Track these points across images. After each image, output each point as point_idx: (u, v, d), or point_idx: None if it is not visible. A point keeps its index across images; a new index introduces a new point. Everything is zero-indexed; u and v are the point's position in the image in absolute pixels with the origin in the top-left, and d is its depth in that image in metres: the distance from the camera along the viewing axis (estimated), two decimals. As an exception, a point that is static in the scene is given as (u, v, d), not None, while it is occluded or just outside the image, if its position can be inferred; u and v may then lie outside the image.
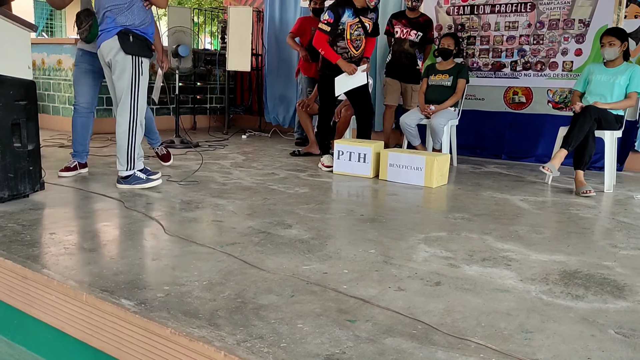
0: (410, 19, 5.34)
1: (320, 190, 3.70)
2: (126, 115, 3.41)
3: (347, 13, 4.39)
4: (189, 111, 7.31)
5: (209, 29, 9.51)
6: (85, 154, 3.93)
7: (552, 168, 3.91)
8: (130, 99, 3.40)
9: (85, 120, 3.82)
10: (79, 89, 3.77)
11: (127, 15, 3.33)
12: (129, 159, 3.45)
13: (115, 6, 3.32)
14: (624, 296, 1.97)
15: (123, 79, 3.38)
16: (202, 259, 2.20)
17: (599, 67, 4.22)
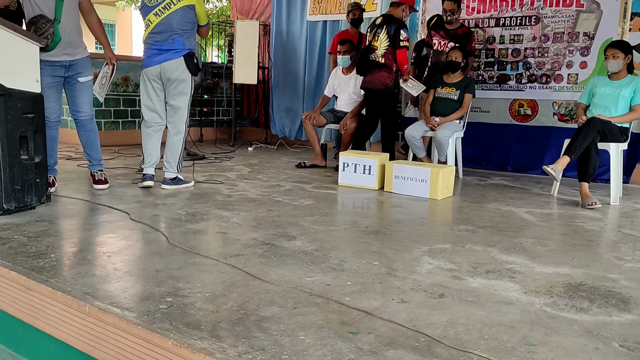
0: (448, 31, 5.33)
1: (325, 202, 3.70)
2: (182, 126, 3.97)
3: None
4: (196, 124, 7.35)
5: (215, 42, 9.59)
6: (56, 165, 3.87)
7: (555, 169, 3.89)
8: (187, 112, 3.98)
9: (55, 132, 3.74)
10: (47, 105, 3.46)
11: (191, 40, 3.91)
12: (179, 163, 3.99)
13: (184, 31, 3.84)
14: (629, 309, 1.96)
15: (183, 95, 3.92)
16: (206, 271, 2.21)
17: (604, 79, 4.22)
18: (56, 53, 3.52)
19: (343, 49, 5.28)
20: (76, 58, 3.64)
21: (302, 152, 6.52)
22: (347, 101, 5.37)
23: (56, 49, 3.50)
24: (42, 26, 3.42)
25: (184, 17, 3.82)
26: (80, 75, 3.68)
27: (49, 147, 3.69)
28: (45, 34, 3.42)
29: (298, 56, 7.20)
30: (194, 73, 3.90)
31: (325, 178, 4.71)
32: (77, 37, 3.64)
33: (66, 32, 3.52)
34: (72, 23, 3.57)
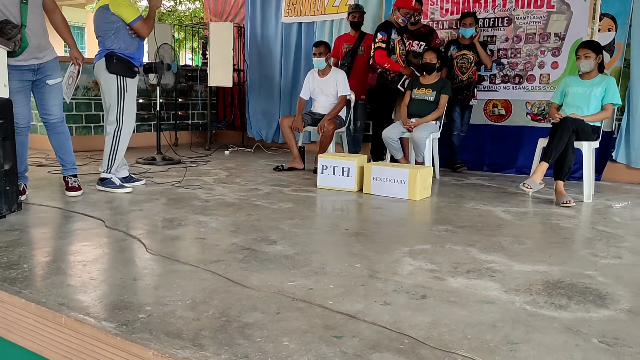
0: (412, 31, 5.50)
1: (305, 205, 3.69)
2: (111, 126, 3.94)
3: (394, 31, 5.22)
4: (171, 127, 7.27)
5: (189, 45, 9.50)
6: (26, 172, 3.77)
7: (532, 184, 3.94)
8: (116, 111, 3.92)
9: (25, 138, 3.63)
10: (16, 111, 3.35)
11: (113, 40, 3.87)
12: (109, 163, 3.97)
13: (105, 32, 3.88)
14: (606, 305, 1.99)
15: (110, 95, 3.90)
16: (185, 278, 2.17)
17: (575, 79, 4.30)
18: (24, 57, 3.44)
19: (318, 51, 5.28)
20: (44, 61, 3.56)
21: (279, 155, 6.49)
22: (325, 103, 5.36)
23: (24, 54, 3.41)
24: (9, 32, 3.31)
25: (101, 19, 3.89)
26: (49, 78, 3.60)
27: (19, 154, 3.58)
28: (13, 39, 3.33)
29: (273, 58, 7.18)
30: (117, 72, 3.87)
31: (304, 181, 4.69)
32: (44, 40, 3.56)
33: (33, 37, 3.44)
34: (38, 26, 3.49)
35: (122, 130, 3.95)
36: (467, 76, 5.40)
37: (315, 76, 5.40)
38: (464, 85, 5.41)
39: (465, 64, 5.39)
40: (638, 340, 1.69)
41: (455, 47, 5.45)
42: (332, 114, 5.20)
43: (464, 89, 5.41)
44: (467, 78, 5.40)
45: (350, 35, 5.82)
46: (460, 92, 5.41)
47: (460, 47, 5.42)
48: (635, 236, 3.05)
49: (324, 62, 5.29)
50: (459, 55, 5.41)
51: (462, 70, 5.40)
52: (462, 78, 5.41)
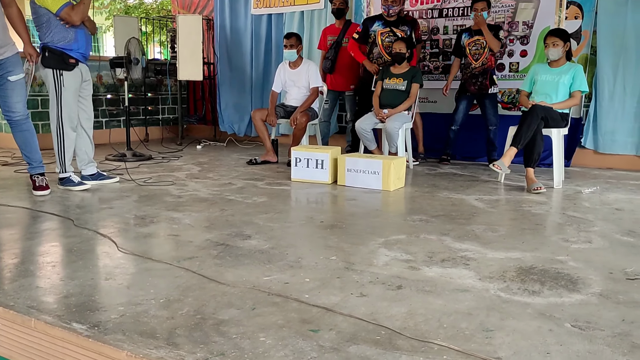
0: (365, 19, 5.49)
1: (279, 199, 3.67)
2: (54, 123, 3.82)
3: (377, 24, 5.31)
4: (141, 123, 7.14)
5: (157, 38, 9.34)
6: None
7: (501, 165, 4.01)
8: (56, 108, 3.79)
9: None
10: None
11: (45, 33, 3.73)
12: (60, 162, 3.86)
13: (38, 26, 3.74)
14: (577, 289, 2.03)
15: (49, 90, 3.80)
16: (159, 276, 2.13)
17: (544, 67, 4.35)
18: None
19: (289, 43, 5.23)
20: (5, 56, 3.46)
21: (252, 149, 6.44)
22: (297, 95, 5.33)
23: None
24: None
25: (33, 13, 3.76)
26: (11, 74, 3.50)
27: None
28: None
29: (244, 51, 7.10)
30: (51, 66, 3.73)
31: (277, 174, 4.67)
32: (3, 35, 3.46)
33: None
34: None
35: (64, 126, 3.81)
36: (481, 62, 5.09)
37: (286, 68, 5.36)
38: (477, 73, 5.11)
39: (479, 50, 5.08)
40: (609, 323, 1.72)
41: (467, 35, 5.18)
42: (305, 106, 5.17)
43: (478, 76, 5.11)
44: (481, 65, 5.09)
45: (335, 26, 5.76)
46: (473, 80, 5.14)
47: (472, 33, 5.14)
48: (605, 220, 3.11)
49: (295, 54, 5.25)
50: (471, 42, 5.15)
51: (475, 57, 5.11)
52: (475, 65, 5.11)
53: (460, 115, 5.28)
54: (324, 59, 5.74)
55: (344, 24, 5.67)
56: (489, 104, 5.15)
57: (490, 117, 5.15)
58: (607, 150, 5.16)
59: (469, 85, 5.17)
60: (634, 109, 5.01)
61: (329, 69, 5.61)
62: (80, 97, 3.94)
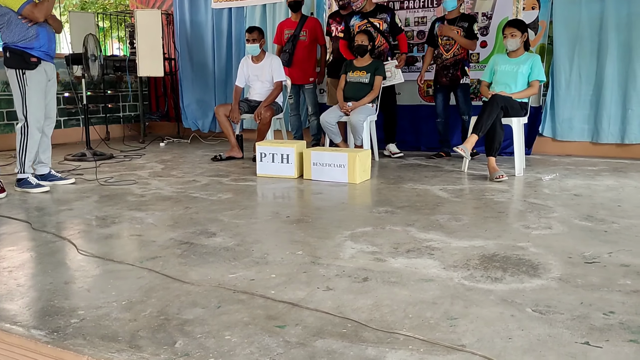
0: (343, 16, 5.45)
1: (245, 195, 3.64)
2: (20, 123, 3.77)
3: (354, 18, 5.23)
4: (101, 121, 6.98)
5: (116, 34, 9.12)
6: None
7: (464, 149, 4.07)
8: (21, 109, 3.74)
9: None
10: None
11: (7, 33, 3.68)
12: (20, 162, 3.78)
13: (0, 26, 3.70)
14: (538, 274, 2.07)
15: (14, 91, 3.74)
16: (121, 277, 2.09)
17: (503, 57, 4.43)
18: None
19: (251, 37, 5.18)
20: None
21: (217, 145, 6.37)
22: (260, 90, 5.29)
23: None
24: None
25: None
26: None
27: None
28: None
29: (205, 46, 7.00)
30: (12, 66, 3.69)
31: (243, 170, 4.63)
32: None
33: None
34: None
35: (29, 127, 3.74)
36: (452, 53, 5.01)
37: (249, 63, 5.31)
38: (449, 64, 5.03)
39: (450, 40, 5.01)
40: (568, 307, 1.77)
41: (440, 24, 5.08)
42: (269, 101, 5.13)
43: (450, 67, 5.04)
44: (453, 56, 5.01)
45: (292, 20, 5.72)
46: (445, 72, 5.07)
47: (445, 23, 5.05)
48: (564, 206, 3.19)
49: (258, 48, 5.20)
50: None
51: (447, 47, 5.04)
52: (447, 56, 5.03)
53: (440, 108, 5.18)
54: (282, 52, 5.70)
55: (300, 17, 5.65)
56: (461, 94, 5.09)
57: (462, 107, 5.09)
58: (564, 137, 5.29)
59: (440, 77, 5.11)
60: (589, 97, 5.15)
61: (286, 62, 5.58)
62: None
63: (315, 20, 5.70)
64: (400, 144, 5.65)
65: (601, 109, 5.08)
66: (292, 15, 5.69)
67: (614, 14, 4.93)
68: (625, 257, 2.26)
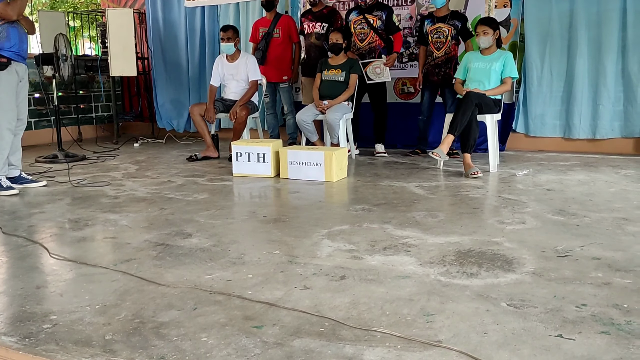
0: (314, 13, 5.45)
1: (221, 195, 3.61)
2: None
3: (353, 13, 5.27)
4: (73, 122, 6.85)
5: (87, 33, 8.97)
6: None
7: (440, 153, 4.11)
8: None
9: None
10: None
11: None
12: None
13: None
14: (513, 269, 2.10)
15: None
16: (94, 281, 2.05)
17: (476, 55, 4.48)
18: None
19: (226, 36, 5.14)
20: None
21: (193, 145, 6.30)
22: (236, 89, 5.25)
23: None
24: None
25: None
26: None
27: None
28: None
29: (179, 45, 6.92)
30: None
31: (219, 170, 4.59)
32: None
33: None
34: None
35: (1, 128, 3.66)
36: (444, 52, 4.94)
37: (224, 62, 5.27)
38: (440, 63, 4.96)
39: (440, 39, 4.92)
40: (542, 300, 1.80)
41: (429, 22, 5.00)
42: (244, 100, 5.10)
43: (442, 66, 4.96)
44: (444, 54, 4.94)
45: (266, 18, 5.69)
46: (436, 70, 4.99)
47: (435, 20, 4.97)
48: (537, 201, 3.24)
49: (233, 47, 5.16)
50: (433, 30, 4.96)
51: (437, 45, 4.95)
52: (438, 54, 4.96)
53: (426, 106, 5.12)
54: (256, 50, 5.68)
55: (274, 15, 5.63)
56: (449, 93, 4.98)
57: (448, 106, 4.95)
58: (537, 133, 5.38)
59: (431, 76, 5.02)
60: (561, 93, 5.25)
61: (260, 60, 5.56)
62: None
63: (289, 18, 5.69)
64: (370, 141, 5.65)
65: (572, 105, 5.18)
66: (266, 14, 5.67)
67: (583, 11, 5.02)
68: (596, 250, 2.31)
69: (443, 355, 1.46)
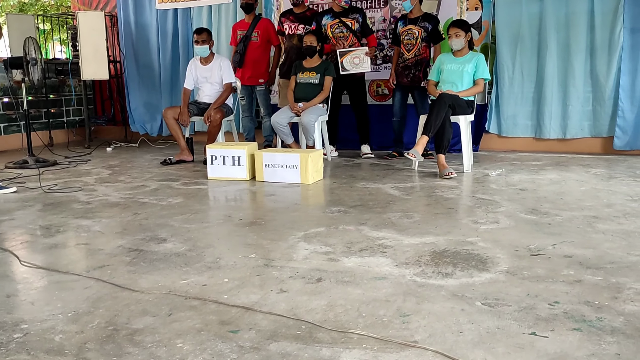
0: (297, 15, 5.41)
1: (196, 199, 3.58)
2: None
3: (326, 17, 5.24)
4: (44, 127, 6.72)
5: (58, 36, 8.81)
6: None
7: (415, 154, 4.14)
8: None
9: None
10: None
11: None
12: None
13: None
14: (487, 268, 2.13)
15: None
16: (67, 288, 2.01)
17: (449, 57, 4.53)
18: None
19: (200, 38, 5.10)
20: None
21: (167, 148, 6.24)
22: (210, 92, 5.21)
23: None
24: None
25: None
26: None
27: None
28: None
29: (151, 48, 6.85)
30: None
31: (194, 173, 4.55)
32: None
33: None
34: None
35: None
36: (414, 54, 4.96)
37: (197, 65, 5.23)
38: (410, 65, 4.98)
39: (411, 40, 4.95)
40: (516, 299, 1.82)
41: (402, 23, 5.04)
42: (219, 103, 5.07)
43: (411, 68, 4.99)
44: (414, 55, 4.96)
45: (245, 21, 5.66)
46: (406, 72, 5.02)
47: (407, 22, 5.00)
48: (510, 201, 3.29)
49: (207, 50, 5.13)
50: (404, 31, 4.99)
51: (408, 47, 4.97)
52: (408, 56, 4.98)
53: (397, 107, 5.14)
54: (234, 53, 5.65)
55: (253, 18, 5.60)
56: (419, 96, 5.05)
57: (419, 108, 5.03)
58: (509, 133, 5.47)
59: (401, 77, 5.06)
60: (532, 94, 5.35)
61: (237, 62, 5.53)
62: None
63: (267, 22, 5.67)
64: (352, 142, 5.68)
65: (543, 106, 5.28)
66: (245, 16, 5.65)
67: (552, 13, 5.13)
68: (568, 249, 2.35)
69: (419, 356, 1.47)
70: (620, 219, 2.81)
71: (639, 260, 2.18)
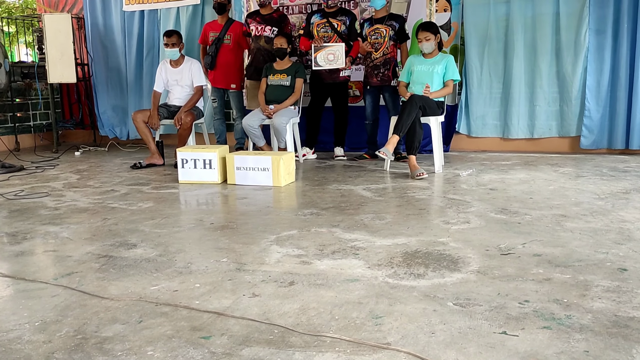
0: (263, 16, 5.38)
1: (167, 203, 3.53)
2: None
3: (316, 16, 5.26)
4: (9, 131, 6.55)
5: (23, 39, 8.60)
6: None
7: (386, 152, 4.17)
8: None
9: None
10: None
11: None
12: None
13: None
14: (458, 268, 2.15)
15: None
16: (33, 297, 1.96)
17: (419, 58, 4.58)
18: None
19: (170, 41, 5.04)
20: None
21: (137, 152, 6.16)
22: (180, 95, 5.16)
23: None
24: None
25: None
26: None
27: None
28: None
29: (118, 50, 6.75)
30: None
31: (164, 177, 4.49)
32: None
33: None
34: None
35: None
36: (382, 52, 4.94)
37: (167, 67, 5.17)
38: (379, 64, 4.97)
39: (379, 39, 4.93)
40: (486, 298, 1.85)
41: (368, 24, 5.04)
42: (189, 106, 5.02)
43: (380, 67, 4.97)
44: (382, 54, 4.95)
45: (218, 22, 5.61)
46: (375, 72, 4.99)
47: (373, 22, 5.00)
48: (480, 201, 3.34)
49: (178, 53, 5.08)
50: (371, 31, 4.98)
51: (375, 47, 4.95)
52: (376, 55, 4.96)
53: (370, 110, 5.12)
54: (205, 54, 5.60)
55: (226, 21, 5.56)
56: (390, 96, 5.04)
57: (390, 109, 5.04)
58: (479, 134, 5.56)
59: (371, 77, 5.03)
60: (500, 95, 5.45)
61: (209, 64, 5.49)
62: None
63: (240, 25, 5.64)
64: (325, 144, 5.70)
65: (510, 106, 5.37)
66: (218, 17, 5.60)
67: (519, 15, 5.23)
68: (537, 247, 2.40)
69: (392, 358, 1.48)
70: (588, 217, 2.88)
71: (606, 257, 2.24)
